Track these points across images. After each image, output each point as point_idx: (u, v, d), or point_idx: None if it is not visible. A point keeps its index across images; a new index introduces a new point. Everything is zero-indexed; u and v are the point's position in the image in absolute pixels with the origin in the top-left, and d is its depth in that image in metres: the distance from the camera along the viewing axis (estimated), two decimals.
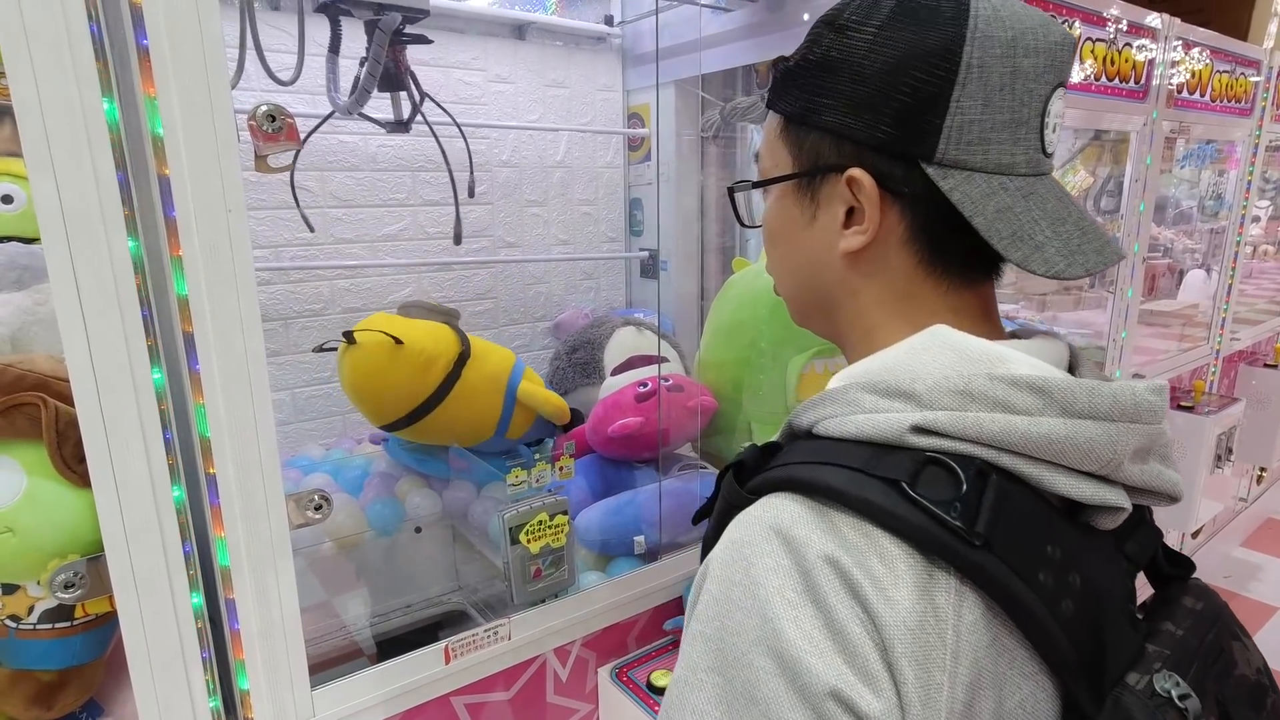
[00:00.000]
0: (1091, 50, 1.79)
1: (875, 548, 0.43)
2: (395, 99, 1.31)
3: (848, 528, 0.44)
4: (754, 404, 1.50)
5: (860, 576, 0.42)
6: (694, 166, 2.03)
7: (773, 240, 0.59)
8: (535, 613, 1.13)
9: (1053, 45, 0.49)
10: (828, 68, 0.51)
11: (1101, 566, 0.47)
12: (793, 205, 0.56)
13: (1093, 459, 0.44)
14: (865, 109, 0.49)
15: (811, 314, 0.60)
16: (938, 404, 0.46)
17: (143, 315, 0.73)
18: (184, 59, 0.71)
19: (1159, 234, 2.84)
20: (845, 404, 0.49)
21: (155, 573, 0.77)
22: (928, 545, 0.42)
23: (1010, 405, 0.45)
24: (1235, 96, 2.43)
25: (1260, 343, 3.13)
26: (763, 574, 0.44)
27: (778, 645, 0.42)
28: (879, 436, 0.46)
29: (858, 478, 0.44)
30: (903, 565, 0.42)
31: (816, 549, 0.43)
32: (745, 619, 0.43)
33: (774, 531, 0.45)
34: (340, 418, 1.74)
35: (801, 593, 0.42)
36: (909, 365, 0.49)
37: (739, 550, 0.46)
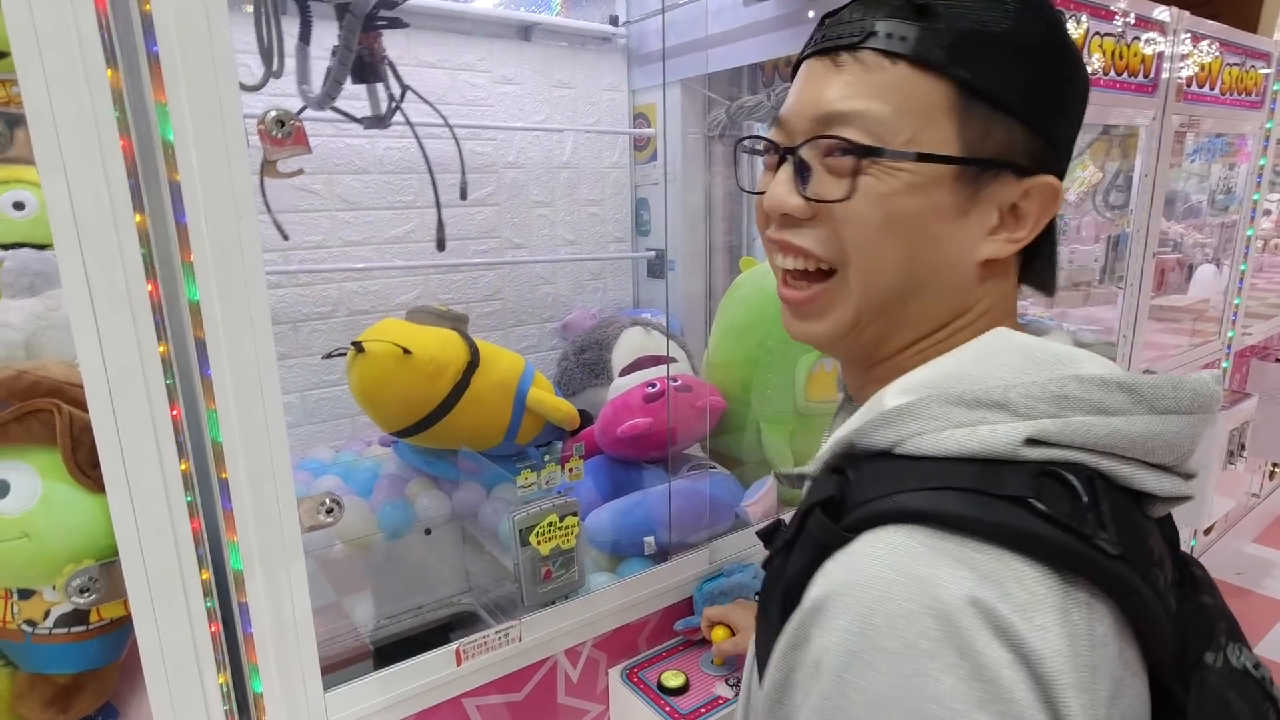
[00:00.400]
0: (1100, 45, 1.77)
1: (1012, 574, 0.40)
2: (372, 92, 1.21)
3: (979, 555, 0.40)
4: (762, 403, 1.49)
5: (1006, 611, 0.38)
6: (700, 166, 2.03)
7: (893, 225, 0.49)
8: (546, 614, 1.13)
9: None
10: (1039, 57, 0.48)
11: (1164, 553, 0.47)
12: (944, 194, 0.48)
13: (1175, 452, 0.45)
14: (1055, 110, 0.49)
15: (879, 319, 0.53)
16: (1034, 412, 0.44)
17: (155, 321, 0.73)
18: (194, 66, 0.71)
19: (1169, 228, 2.82)
20: (931, 419, 0.45)
21: (169, 577, 0.78)
22: (1064, 562, 0.40)
23: (1105, 407, 0.44)
24: (1245, 89, 2.41)
25: (1272, 337, 3.10)
26: (890, 622, 0.39)
27: (919, 704, 0.38)
28: (986, 452, 0.43)
29: (980, 500, 0.41)
30: (1041, 589, 0.39)
31: (951, 588, 0.39)
32: (876, 677, 0.39)
33: (898, 573, 0.40)
34: (349, 420, 1.75)
35: (939, 640, 0.38)
36: (982, 372, 0.47)
37: (855, 598, 0.41)
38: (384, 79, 1.17)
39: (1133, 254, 2.13)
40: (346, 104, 1.20)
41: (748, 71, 1.96)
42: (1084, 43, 1.73)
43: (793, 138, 0.52)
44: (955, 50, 0.47)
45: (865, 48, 0.48)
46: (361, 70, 1.13)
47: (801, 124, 0.51)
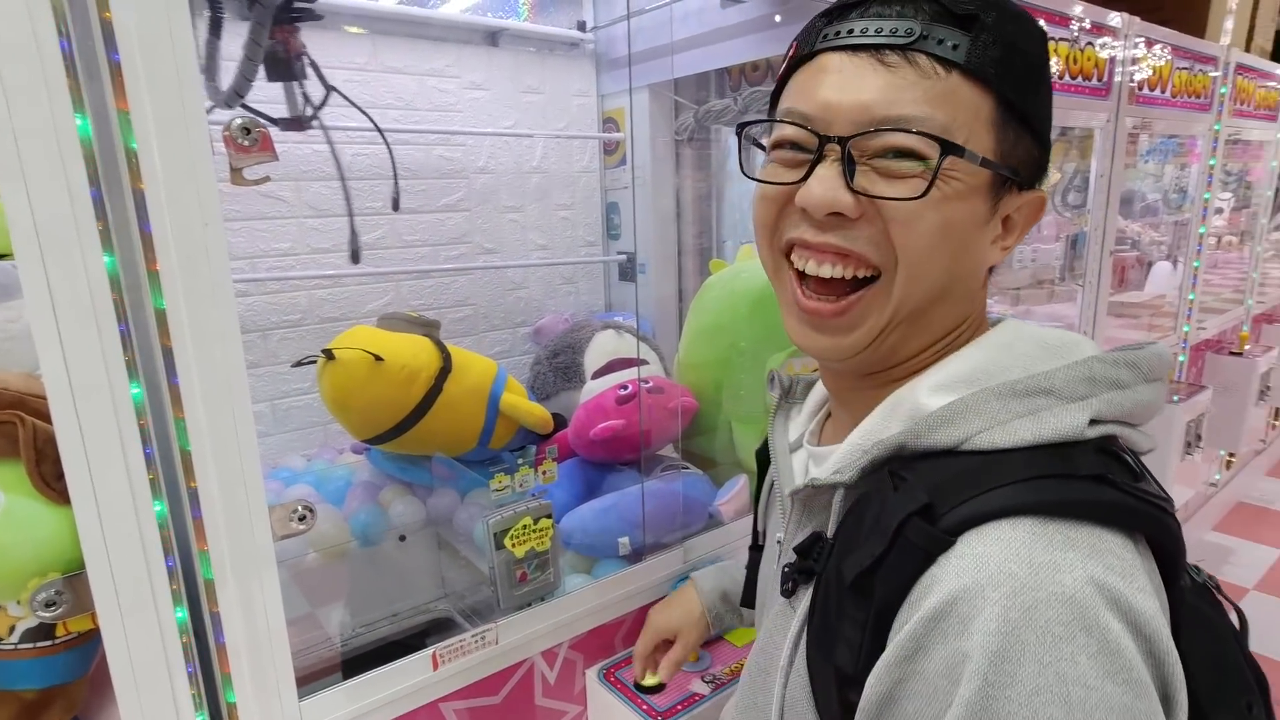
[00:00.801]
0: (1056, 49, 1.83)
1: (1107, 546, 0.44)
2: (289, 91, 1.14)
3: (1078, 534, 0.44)
4: (734, 404, 1.51)
5: (1116, 581, 0.42)
6: (669, 169, 2.04)
7: (946, 234, 0.50)
8: (522, 616, 1.14)
9: None
10: (1045, 76, 0.52)
11: None
12: (980, 202, 0.51)
13: (1155, 414, 0.52)
14: (1046, 129, 0.54)
15: (903, 326, 0.54)
16: (1075, 394, 0.49)
17: (120, 330, 0.73)
18: (157, 73, 0.71)
19: (1126, 227, 2.90)
20: (990, 413, 0.48)
21: (138, 588, 0.77)
22: (1135, 524, 0.46)
23: (1120, 382, 0.50)
24: (1194, 92, 2.49)
25: (1226, 331, 3.21)
26: (1025, 616, 0.41)
27: (1065, 688, 0.39)
28: (1058, 437, 0.47)
29: (1066, 483, 0.45)
30: (1129, 554, 0.44)
31: (1071, 572, 0.42)
32: (1022, 671, 0.40)
33: (1023, 565, 0.42)
34: (321, 428, 1.73)
35: (1070, 624, 0.40)
36: (1007, 363, 0.51)
37: (988, 598, 0.42)
38: (301, 77, 1.09)
39: (1090, 252, 2.19)
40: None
41: (715, 76, 1.99)
42: None
43: (833, 130, 0.50)
44: (1001, 67, 0.48)
45: (919, 50, 0.48)
46: (276, 67, 1.06)
47: (845, 119, 0.49)
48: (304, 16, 1.05)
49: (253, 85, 1.03)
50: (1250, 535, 3.32)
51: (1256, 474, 3.85)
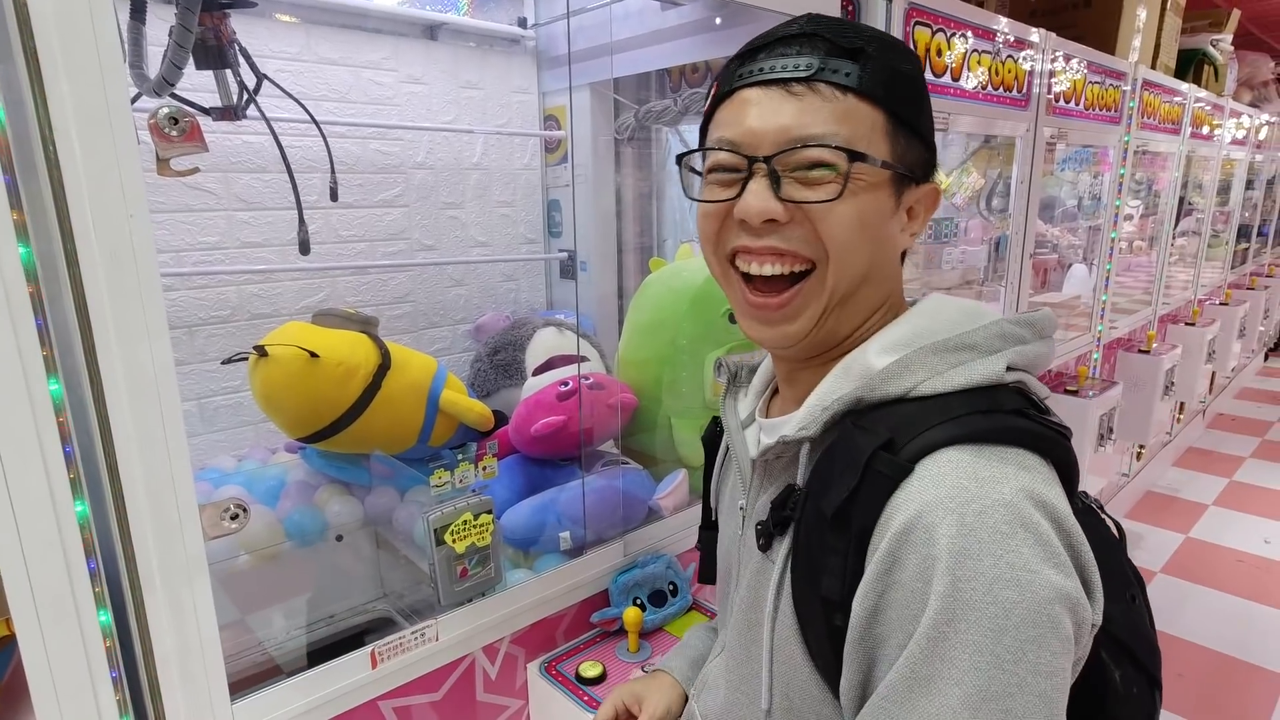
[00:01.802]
0: (979, 61, 1.92)
1: (1032, 462, 0.55)
2: (221, 79, 1.11)
3: (1009, 452, 0.54)
4: (674, 399, 1.54)
5: (1042, 489, 0.53)
6: (610, 168, 2.06)
7: (863, 226, 0.60)
8: (462, 612, 1.14)
9: None
10: (924, 93, 0.64)
11: None
12: (886, 196, 0.62)
13: (1048, 364, 0.63)
14: (931, 133, 0.64)
15: (838, 309, 0.64)
16: (991, 348, 0.59)
17: (37, 324, 0.70)
18: (76, 55, 0.68)
19: (1046, 231, 3.06)
20: (931, 366, 0.59)
21: (58, 592, 0.74)
22: (1047, 449, 0.56)
23: (1023, 338, 0.61)
24: (1106, 105, 2.64)
25: (1135, 330, 3.41)
26: (978, 518, 0.50)
27: (1016, 573, 0.49)
28: (984, 381, 0.58)
29: (995, 417, 0.56)
30: (1046, 470, 0.56)
31: (1008, 482, 0.52)
32: (980, 563, 0.50)
33: (971, 479, 0.52)
34: (252, 428, 1.68)
35: (1013, 522, 0.50)
36: (937, 326, 0.62)
37: (946, 508, 0.51)
38: (232, 65, 1.07)
39: (1012, 254, 2.30)
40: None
41: (655, 76, 2.01)
42: (963, 60, 1.86)
43: (759, 151, 0.60)
44: (887, 87, 0.60)
45: (819, 80, 0.59)
46: (206, 55, 1.03)
47: (768, 141, 0.60)
48: (235, 3, 1.04)
49: (182, 73, 1.00)
50: (1158, 522, 3.54)
51: (1164, 464, 4.10)
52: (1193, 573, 3.09)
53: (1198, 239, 4.21)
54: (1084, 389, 2.74)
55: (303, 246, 1.23)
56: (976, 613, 0.48)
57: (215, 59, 1.05)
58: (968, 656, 0.48)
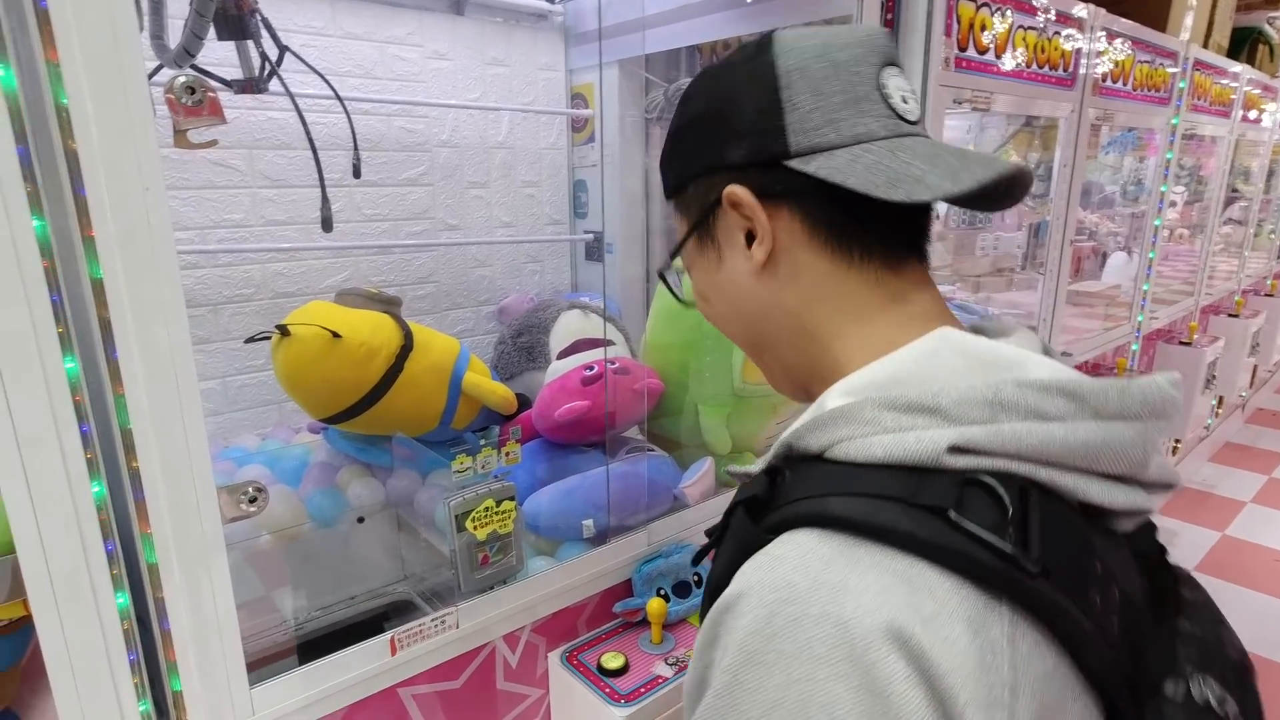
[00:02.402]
0: (1023, 39, 1.84)
1: (924, 583, 0.39)
2: (242, 51, 1.09)
3: (893, 563, 0.40)
4: (700, 385, 1.50)
5: (908, 620, 0.38)
6: (638, 148, 2.01)
7: (705, 300, 0.59)
8: (483, 600, 1.12)
9: (863, 36, 0.53)
10: (681, 135, 0.57)
11: (1127, 573, 0.45)
12: (701, 258, 0.58)
13: (1126, 461, 0.42)
14: (717, 142, 0.53)
15: (775, 363, 0.58)
16: (966, 417, 0.42)
17: (52, 300, 0.68)
18: (90, 22, 0.66)
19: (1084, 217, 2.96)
20: (863, 423, 0.45)
21: (75, 574, 0.73)
22: (982, 578, 0.39)
23: (1044, 413, 0.42)
24: (1155, 86, 2.54)
25: (1176, 322, 3.30)
26: (790, 625, 0.39)
27: (805, 709, 0.38)
28: (911, 459, 0.42)
29: (897, 509, 0.41)
30: (954, 599, 0.39)
31: (856, 597, 0.39)
32: (767, 678, 0.39)
33: (806, 577, 0.40)
34: (275, 407, 1.68)
35: (835, 646, 0.38)
36: (923, 374, 0.46)
37: (760, 598, 0.41)
38: (254, 36, 1.05)
39: (1051, 241, 2.22)
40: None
41: (686, 54, 1.96)
42: (1008, 36, 1.79)
43: None
44: (663, 183, 0.61)
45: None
46: (227, 25, 1.01)
47: None
48: None
49: (203, 43, 0.98)
50: (1193, 519, 3.45)
51: (1200, 459, 3.99)
52: (1228, 571, 3.00)
53: (1242, 228, 4.06)
54: None
55: (325, 224, 1.21)
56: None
57: (236, 29, 1.02)
58: None
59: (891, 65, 0.53)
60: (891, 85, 0.52)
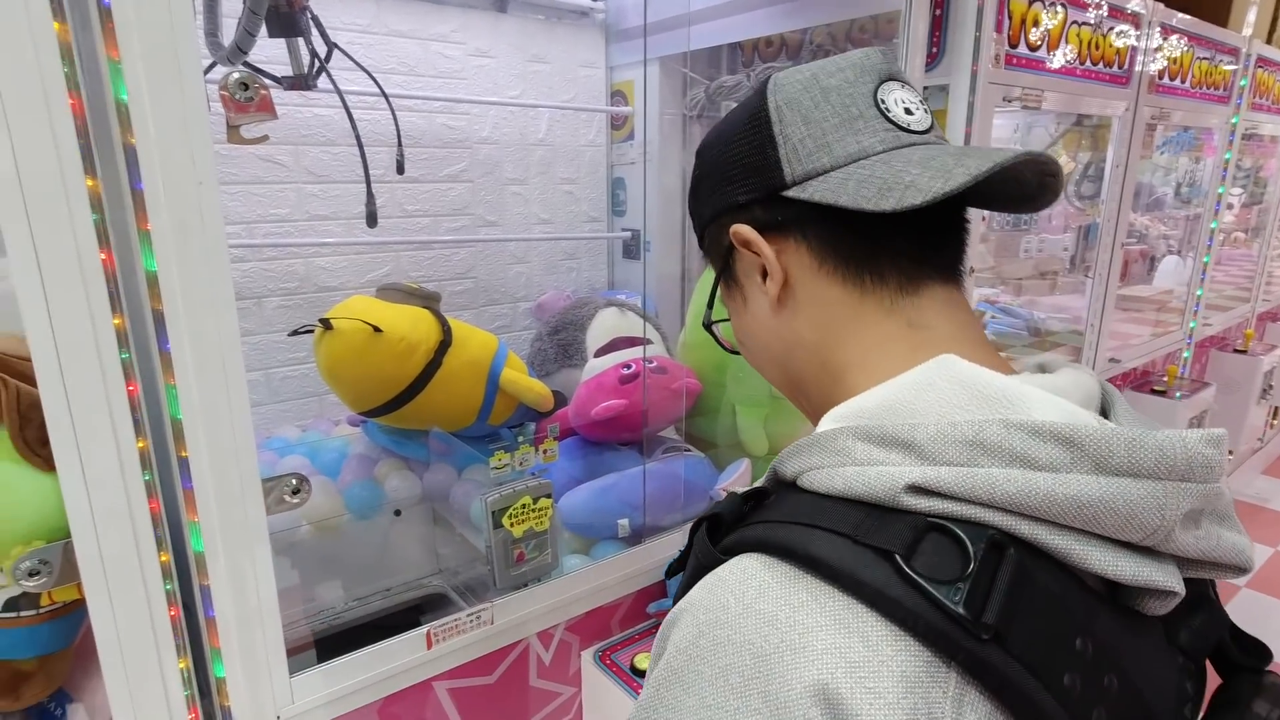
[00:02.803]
0: (1077, 34, 1.78)
1: (860, 629, 0.36)
2: (292, 47, 1.10)
3: (831, 603, 0.37)
4: (737, 386, 1.49)
5: (834, 666, 0.35)
6: (677, 146, 2.00)
7: (743, 346, 0.60)
8: (518, 597, 1.12)
9: (855, 60, 0.52)
10: (697, 186, 0.58)
11: (1149, 663, 0.40)
12: (732, 303, 0.58)
13: (1135, 526, 0.37)
14: (725, 186, 0.54)
15: (807, 403, 0.56)
16: (942, 457, 0.39)
17: (109, 292, 0.69)
18: (150, 21, 0.67)
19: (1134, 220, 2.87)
20: (834, 453, 0.42)
21: (126, 559, 0.75)
22: (924, 633, 0.35)
23: (1031, 459, 0.37)
24: (1214, 84, 2.45)
25: (1230, 328, 3.19)
26: (713, 649, 0.38)
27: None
28: (869, 496, 0.39)
29: (844, 545, 0.38)
30: (890, 650, 0.35)
31: (782, 632, 0.37)
32: (684, 699, 0.38)
33: (739, 603, 0.39)
34: (316, 399, 1.70)
35: (750, 679, 0.36)
36: (910, 405, 0.43)
37: (694, 618, 0.40)
38: (304, 33, 1.06)
39: (1102, 244, 2.16)
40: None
41: (727, 51, 1.94)
42: (1061, 32, 1.73)
43: None
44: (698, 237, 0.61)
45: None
46: (279, 22, 1.02)
47: None
48: None
49: (255, 40, 1.00)
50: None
51: (1253, 471, 3.85)
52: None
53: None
54: (1172, 389, 2.57)
55: (370, 218, 1.22)
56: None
57: (287, 26, 1.04)
58: None
59: (891, 80, 0.52)
60: (891, 99, 0.51)
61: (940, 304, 0.49)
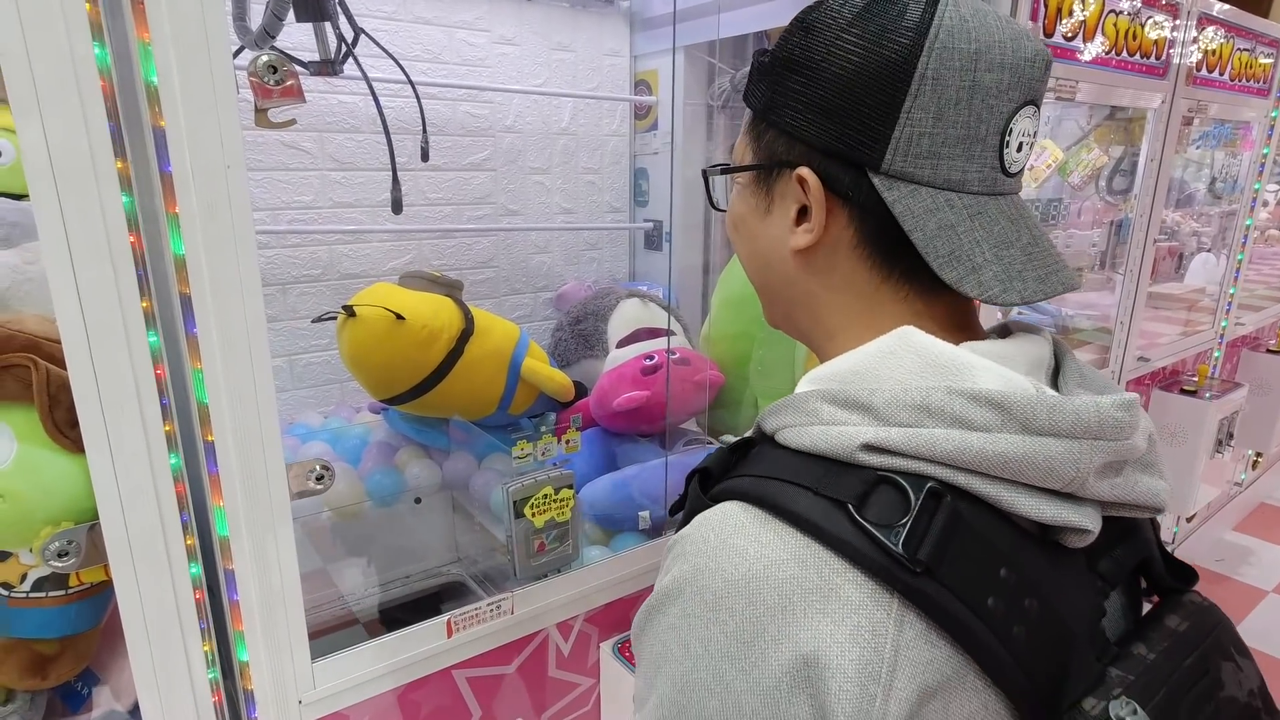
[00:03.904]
0: (1113, 24, 1.74)
1: (817, 563, 0.42)
2: (319, 32, 1.11)
3: (794, 542, 0.43)
4: (760, 379, 1.47)
5: (793, 591, 0.42)
6: (701, 136, 1.98)
7: (734, 227, 0.60)
8: (538, 587, 1.12)
9: (1021, 61, 0.48)
10: (791, 66, 0.51)
11: (1067, 587, 0.46)
12: (751, 196, 0.56)
13: (1055, 477, 0.43)
14: (818, 112, 0.50)
15: (776, 312, 0.60)
16: (894, 419, 0.45)
17: (138, 275, 0.70)
18: (180, 2, 0.66)
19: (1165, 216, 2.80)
20: (805, 413, 0.48)
21: (152, 541, 0.75)
22: (870, 568, 0.42)
23: (968, 421, 0.43)
24: (1254, 76, 2.38)
25: (1263, 328, 3.12)
26: (693, 576, 0.45)
27: (681, 646, 0.45)
28: (830, 453, 0.46)
29: (806, 497, 0.44)
30: (839, 579, 0.42)
31: (751, 563, 0.43)
32: (664, 618, 0.46)
33: (718, 537, 0.45)
34: (338, 385, 1.71)
35: (720, 597, 0.43)
36: (878, 371, 0.48)
37: (682, 550, 0.47)
38: (332, 17, 1.07)
39: (1134, 240, 2.11)
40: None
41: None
42: (1097, 21, 1.69)
43: None
44: (747, 84, 0.56)
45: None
46: (306, 6, 1.03)
47: None
48: None
49: (283, 24, 1.00)
50: (1271, 537, 3.26)
51: None
52: None
53: None
54: (1202, 389, 2.52)
55: (395, 205, 1.22)
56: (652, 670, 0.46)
57: (314, 10, 1.04)
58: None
59: (1030, 105, 0.50)
60: (1018, 129, 0.49)
61: (950, 304, 0.52)
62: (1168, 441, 2.48)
